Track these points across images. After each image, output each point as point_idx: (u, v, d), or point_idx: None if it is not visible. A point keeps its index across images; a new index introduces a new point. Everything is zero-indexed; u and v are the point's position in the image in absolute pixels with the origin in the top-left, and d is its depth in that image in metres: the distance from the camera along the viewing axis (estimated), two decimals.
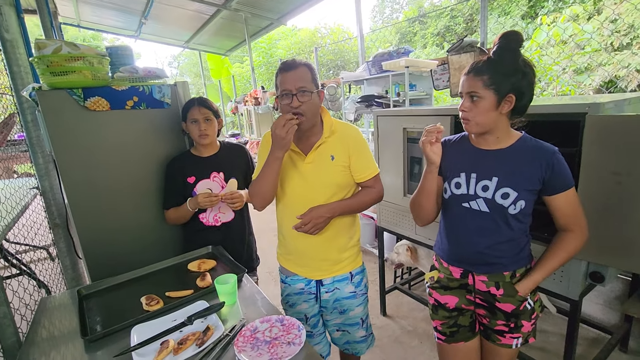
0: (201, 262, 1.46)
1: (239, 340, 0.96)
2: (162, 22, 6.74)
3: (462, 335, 1.24)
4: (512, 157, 1.08)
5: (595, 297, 2.16)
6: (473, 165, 1.13)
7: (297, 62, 1.22)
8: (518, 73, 1.01)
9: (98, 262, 1.60)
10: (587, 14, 5.90)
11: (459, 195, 1.15)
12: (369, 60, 3.44)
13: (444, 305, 1.26)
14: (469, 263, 1.18)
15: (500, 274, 1.13)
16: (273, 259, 3.59)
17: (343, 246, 1.36)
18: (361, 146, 1.30)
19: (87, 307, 1.22)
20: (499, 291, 1.14)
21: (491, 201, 1.09)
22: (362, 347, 1.47)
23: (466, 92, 1.06)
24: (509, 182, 1.07)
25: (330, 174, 1.28)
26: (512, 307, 1.13)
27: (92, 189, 1.56)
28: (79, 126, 1.50)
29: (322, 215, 1.24)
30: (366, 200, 1.33)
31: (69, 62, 1.40)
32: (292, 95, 1.19)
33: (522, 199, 1.06)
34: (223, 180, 1.63)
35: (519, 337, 1.16)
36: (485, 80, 1.02)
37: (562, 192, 1.05)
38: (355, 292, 1.40)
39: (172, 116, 1.70)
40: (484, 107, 1.03)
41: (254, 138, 6.14)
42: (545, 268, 1.11)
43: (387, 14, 15.24)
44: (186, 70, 20.44)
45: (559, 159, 1.04)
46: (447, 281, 1.25)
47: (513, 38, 1.02)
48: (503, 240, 1.11)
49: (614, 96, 1.51)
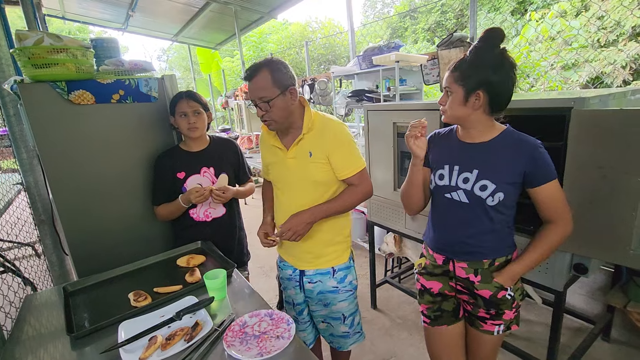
0: (190, 257, 1.45)
1: (228, 335, 0.96)
2: (150, 15, 6.60)
3: (446, 320, 1.29)
4: (493, 150, 1.11)
5: (579, 288, 2.22)
6: (456, 158, 1.17)
7: (256, 67, 1.19)
8: (487, 70, 1.03)
9: (85, 259, 1.58)
10: (575, 10, 5.97)
11: (442, 186, 1.20)
12: (360, 55, 3.43)
13: (428, 290, 1.32)
14: (450, 251, 1.23)
15: (480, 261, 1.18)
16: (265, 254, 3.59)
17: (328, 241, 1.36)
18: (341, 142, 1.26)
19: (74, 304, 1.20)
20: (477, 278, 1.18)
21: (470, 193, 1.13)
22: (345, 343, 1.47)
23: (443, 86, 1.14)
24: (488, 175, 1.10)
25: (308, 170, 1.28)
26: (489, 292, 1.17)
27: (77, 185, 1.53)
28: (63, 120, 1.46)
29: (303, 222, 1.25)
30: (349, 201, 1.30)
31: (52, 54, 1.36)
32: (256, 106, 1.22)
33: (501, 191, 1.08)
34: (213, 175, 1.62)
35: (500, 324, 1.20)
36: (456, 76, 1.08)
37: (544, 184, 1.07)
38: (338, 287, 1.38)
39: (159, 110, 1.67)
40: (453, 101, 1.10)
41: (245, 133, 6.09)
42: (525, 260, 1.13)
43: (378, 9, 15.20)
44: (176, 65, 20.12)
45: (540, 152, 1.06)
46: (432, 267, 1.31)
47: (490, 35, 1.04)
48: (483, 231, 1.15)
49: (599, 91, 1.54)
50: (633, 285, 1.68)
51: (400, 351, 2.11)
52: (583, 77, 4.65)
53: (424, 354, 2.06)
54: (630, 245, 1.18)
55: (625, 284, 1.75)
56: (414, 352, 2.09)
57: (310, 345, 1.56)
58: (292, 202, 1.34)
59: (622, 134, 1.14)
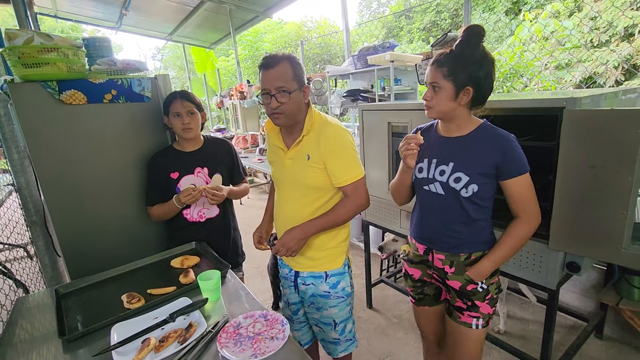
0: (184, 258, 1.44)
1: (222, 336, 0.96)
2: (144, 14, 6.55)
3: (428, 302, 1.41)
4: (469, 144, 1.15)
5: (572, 286, 2.23)
6: (435, 152, 1.22)
7: (277, 57, 1.16)
8: (475, 65, 1.07)
9: (77, 260, 1.56)
10: (568, 11, 6.02)
11: (421, 178, 1.25)
12: (355, 55, 3.43)
13: (410, 275, 1.40)
14: (429, 240, 1.28)
15: (457, 254, 1.21)
16: (260, 254, 3.58)
17: (321, 245, 1.33)
18: (336, 149, 1.22)
19: (66, 306, 1.19)
20: (451, 269, 1.23)
21: (445, 184, 1.17)
22: (335, 349, 1.43)
23: (428, 82, 1.13)
24: (462, 167, 1.14)
25: (304, 173, 1.25)
26: (459, 284, 1.22)
27: (69, 186, 1.51)
28: (55, 120, 1.45)
29: (295, 238, 1.24)
30: (342, 216, 1.26)
31: (42, 53, 1.34)
32: (271, 96, 1.16)
33: (474, 183, 1.12)
34: (207, 175, 1.61)
35: (478, 318, 1.21)
36: (445, 72, 1.08)
37: (514, 177, 1.09)
38: (330, 292, 1.35)
39: (153, 110, 1.66)
40: (443, 97, 1.10)
41: (240, 133, 6.07)
42: (494, 256, 1.16)
43: (374, 8, 15.21)
44: (170, 64, 19.98)
45: (512, 145, 1.09)
46: (413, 256, 1.37)
47: (473, 31, 1.07)
48: (458, 222, 1.19)
49: (591, 91, 1.55)
50: (625, 283, 1.70)
51: (396, 350, 2.11)
52: (576, 77, 4.69)
53: (419, 353, 2.06)
54: (622, 244, 1.19)
55: (618, 281, 1.77)
56: (410, 351, 2.09)
57: (306, 345, 1.55)
58: (286, 204, 1.33)
59: (613, 134, 1.14)
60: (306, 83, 1.23)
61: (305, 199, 1.28)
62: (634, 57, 4.81)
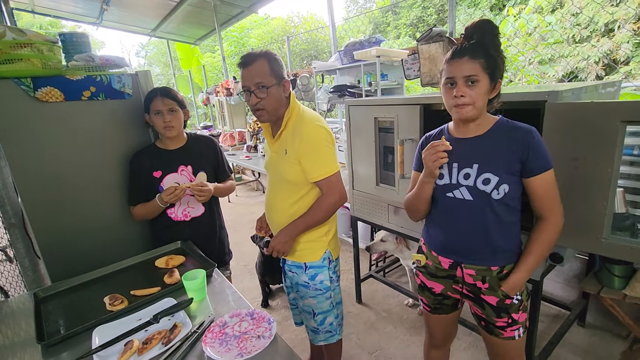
0: (169, 258, 1.42)
1: (207, 336, 0.94)
2: (126, 9, 6.38)
3: (445, 311, 1.33)
4: (490, 141, 1.08)
5: (555, 276, 2.29)
6: (454, 155, 1.12)
7: (254, 55, 1.20)
8: (500, 57, 1.03)
9: (58, 263, 1.52)
10: (550, 7, 6.12)
11: (443, 185, 1.16)
12: (341, 50, 3.41)
13: (430, 289, 1.30)
14: (457, 253, 1.18)
15: (488, 268, 1.13)
16: (249, 252, 3.55)
17: (300, 237, 1.36)
18: (309, 145, 1.23)
19: (46, 310, 1.16)
20: (484, 285, 1.15)
21: (473, 188, 1.09)
22: (314, 337, 1.47)
23: (465, 75, 1.01)
24: (489, 167, 1.06)
25: (282, 167, 1.29)
26: (495, 299, 1.14)
27: (47, 186, 1.47)
28: (30, 119, 1.40)
29: (281, 241, 1.32)
30: (319, 213, 1.29)
31: (15, 49, 1.29)
32: (250, 92, 1.20)
33: (505, 182, 1.05)
34: (191, 173, 1.58)
35: (519, 328, 1.17)
36: (483, 63, 1.00)
37: (540, 173, 1.03)
38: (309, 283, 1.38)
39: (133, 107, 1.61)
40: (481, 91, 1.02)
41: (227, 130, 5.99)
42: (526, 266, 1.10)
43: (360, 4, 15.18)
44: (155, 60, 19.56)
45: (535, 138, 1.03)
46: (434, 270, 1.26)
47: (488, 24, 1.04)
48: (490, 228, 1.10)
49: (572, 85, 1.58)
50: (606, 272, 1.74)
51: (385, 344, 2.13)
52: (559, 72, 4.79)
53: (408, 347, 2.09)
54: (602, 234, 1.22)
55: (599, 270, 1.81)
56: (399, 345, 2.11)
57: (298, 326, 1.66)
58: (270, 193, 1.40)
59: (593, 126, 1.16)
60: (286, 77, 1.25)
61: (284, 192, 1.33)
62: (614, 52, 4.92)
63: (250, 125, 5.17)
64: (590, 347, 1.96)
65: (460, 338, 2.09)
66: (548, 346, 1.79)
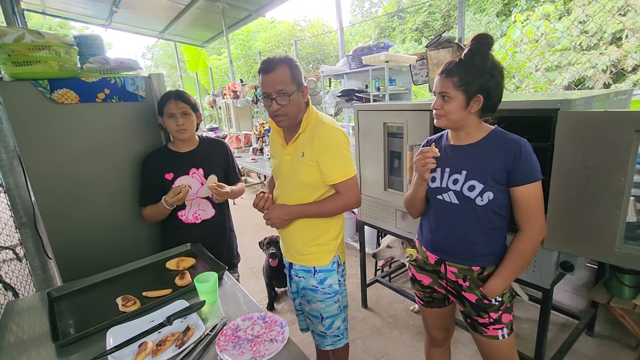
0: (180, 260, 1.42)
1: (221, 339, 0.95)
2: (135, 11, 6.45)
3: (437, 304, 1.40)
4: (480, 150, 1.13)
5: (564, 284, 2.27)
6: (447, 161, 1.20)
7: (275, 61, 1.20)
8: (486, 75, 1.06)
9: (69, 263, 1.53)
10: (558, 13, 6.12)
11: (434, 188, 1.23)
12: (349, 54, 3.43)
13: (419, 281, 1.38)
14: (442, 251, 1.25)
15: (470, 268, 1.19)
16: (255, 255, 3.56)
17: (310, 241, 1.36)
18: (328, 147, 1.24)
19: (59, 310, 1.17)
20: (465, 283, 1.21)
21: (460, 193, 1.15)
22: (322, 342, 1.46)
23: (438, 91, 1.12)
24: (475, 175, 1.12)
25: (298, 170, 1.29)
26: (475, 297, 1.20)
27: (61, 186, 1.48)
28: (46, 120, 1.42)
29: (280, 216, 1.32)
30: (330, 208, 1.31)
31: (33, 51, 1.31)
32: (272, 99, 1.21)
33: (489, 190, 1.10)
34: (203, 176, 1.59)
35: (502, 328, 1.20)
36: (455, 81, 1.07)
37: (523, 184, 1.07)
38: (317, 287, 1.38)
39: (146, 110, 1.63)
40: (454, 106, 1.09)
41: (233, 132, 6.02)
42: (503, 274, 1.14)
43: (366, 8, 15.24)
44: (161, 62, 19.73)
45: (523, 150, 1.06)
46: (423, 263, 1.34)
47: (483, 41, 1.06)
48: (473, 231, 1.16)
49: (583, 93, 1.58)
50: (616, 281, 1.73)
51: (391, 350, 2.12)
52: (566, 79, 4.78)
53: (415, 353, 2.08)
54: (615, 243, 1.21)
55: (609, 280, 1.80)
56: (405, 351, 2.10)
57: (304, 332, 1.62)
58: (282, 197, 1.38)
59: (607, 135, 1.16)
60: (304, 83, 1.27)
61: (299, 194, 1.33)
62: (621, 61, 4.91)
63: (257, 128, 5.19)
64: (599, 356, 1.94)
65: (467, 345, 2.08)
66: (557, 355, 1.77)
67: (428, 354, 1.56)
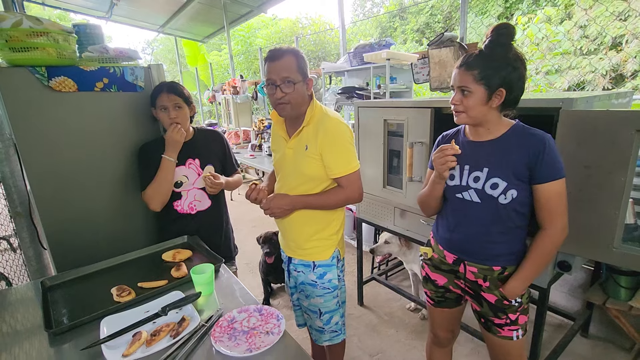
0: (176, 252, 1.41)
1: (216, 330, 0.94)
2: (135, 4, 6.40)
3: (448, 304, 1.36)
4: (502, 146, 1.09)
5: (560, 285, 2.27)
6: (467, 157, 1.15)
7: (282, 50, 1.21)
8: (508, 67, 1.01)
9: (64, 253, 1.52)
10: (559, 18, 6.13)
11: (453, 186, 1.18)
12: (350, 52, 3.42)
13: (433, 281, 1.34)
14: (461, 251, 1.21)
15: (490, 268, 1.16)
16: (251, 251, 3.54)
17: (310, 235, 1.35)
18: (332, 141, 1.24)
19: (52, 299, 1.15)
20: (485, 283, 1.18)
21: (481, 192, 1.11)
22: (319, 337, 1.45)
23: (457, 86, 1.07)
24: (498, 172, 1.08)
25: (301, 163, 1.28)
26: (494, 298, 1.17)
27: (57, 176, 1.46)
28: (43, 108, 1.40)
29: (280, 206, 1.30)
30: (332, 200, 1.29)
31: (31, 37, 1.29)
32: (276, 86, 1.21)
33: (513, 188, 1.05)
34: (199, 167, 1.58)
35: (517, 329, 1.18)
36: (476, 74, 1.02)
37: (547, 182, 1.02)
38: (317, 282, 1.37)
39: (145, 100, 1.61)
40: (474, 101, 1.04)
41: (232, 128, 6.00)
42: (523, 274, 1.11)
43: (368, 8, 15.22)
44: (161, 57, 19.63)
45: (547, 146, 1.02)
46: (439, 263, 1.30)
47: (504, 32, 1.02)
48: (495, 231, 1.12)
49: (585, 93, 1.57)
50: (612, 282, 1.73)
51: (387, 347, 2.11)
52: (566, 82, 4.79)
53: (410, 351, 2.08)
54: (613, 243, 1.22)
55: (605, 281, 1.80)
56: (400, 349, 2.10)
57: (301, 327, 1.62)
58: (284, 191, 1.36)
59: (608, 135, 1.16)
60: (309, 76, 1.27)
61: (302, 187, 1.32)
62: (621, 65, 4.93)
63: (256, 125, 5.17)
64: (594, 358, 1.94)
65: (463, 344, 2.08)
66: (551, 356, 1.78)
67: (429, 354, 1.53)
